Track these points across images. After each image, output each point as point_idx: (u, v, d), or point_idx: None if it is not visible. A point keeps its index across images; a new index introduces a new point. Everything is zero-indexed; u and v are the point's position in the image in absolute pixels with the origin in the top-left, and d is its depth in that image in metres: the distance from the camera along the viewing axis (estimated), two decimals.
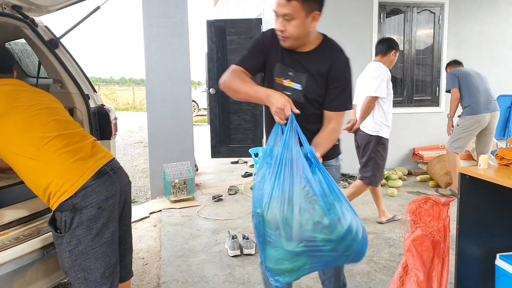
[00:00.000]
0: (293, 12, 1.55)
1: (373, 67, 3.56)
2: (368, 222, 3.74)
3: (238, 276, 2.76)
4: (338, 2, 5.12)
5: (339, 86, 1.71)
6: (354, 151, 3.70)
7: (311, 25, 1.62)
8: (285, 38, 1.63)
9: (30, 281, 1.75)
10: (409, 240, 2.03)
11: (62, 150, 1.61)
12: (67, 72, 2.35)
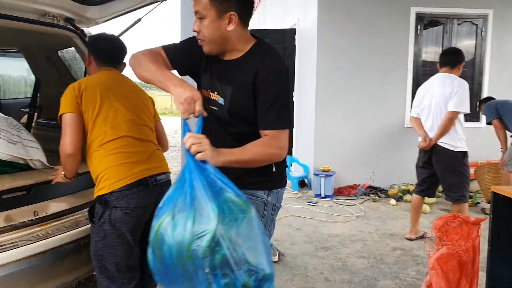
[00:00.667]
0: (202, 9, 1.36)
1: (449, 80, 3.30)
2: (396, 237, 3.69)
3: None
4: (373, 13, 5.12)
5: (268, 99, 1.40)
6: (386, 165, 3.65)
7: (228, 28, 1.38)
8: (201, 41, 1.42)
9: (68, 269, 1.92)
10: (434, 257, 2.01)
11: (118, 150, 1.75)
12: None
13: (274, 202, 1.55)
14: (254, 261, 1.15)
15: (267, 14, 9.05)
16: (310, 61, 5.36)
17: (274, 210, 1.57)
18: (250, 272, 1.14)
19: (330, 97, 5.18)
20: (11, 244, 1.73)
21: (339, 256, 3.24)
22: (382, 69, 5.18)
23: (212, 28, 1.37)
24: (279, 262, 3.11)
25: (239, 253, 1.12)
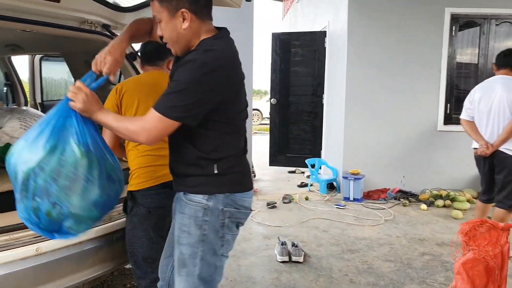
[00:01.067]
0: (156, 13, 1.39)
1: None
2: (425, 243, 3.62)
3: (284, 281, 2.86)
4: (405, 15, 5.04)
5: (168, 87, 1.39)
6: (417, 169, 3.54)
7: (183, 26, 1.37)
8: (167, 44, 1.45)
9: (100, 261, 2.03)
10: (460, 262, 1.98)
11: (148, 153, 1.88)
12: None
13: (221, 207, 1.48)
14: (63, 198, 1.36)
15: (298, 17, 9.08)
16: (340, 64, 5.35)
17: (224, 215, 1.48)
18: (55, 204, 1.36)
19: (360, 100, 5.14)
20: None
21: (365, 259, 3.23)
22: (414, 71, 5.09)
23: (169, 29, 1.38)
24: (304, 263, 3.14)
25: (52, 187, 1.34)
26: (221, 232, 1.50)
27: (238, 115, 1.50)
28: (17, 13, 2.01)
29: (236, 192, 1.51)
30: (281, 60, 6.27)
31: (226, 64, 1.41)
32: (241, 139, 1.55)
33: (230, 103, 1.44)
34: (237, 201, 1.51)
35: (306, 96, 6.27)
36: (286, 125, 6.33)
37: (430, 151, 5.17)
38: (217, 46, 1.41)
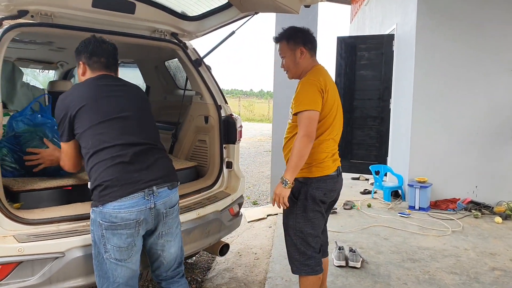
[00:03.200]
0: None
1: None
2: (497, 257, 3.36)
3: (339, 285, 2.85)
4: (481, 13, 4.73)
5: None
6: (492, 179, 3.30)
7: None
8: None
9: (212, 232, 2.45)
10: None
11: (330, 147, 2.17)
12: (206, 86, 2.83)
13: (98, 220, 1.70)
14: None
15: (366, 20, 8.89)
16: (407, 68, 5.16)
17: (101, 228, 1.70)
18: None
19: (428, 105, 4.91)
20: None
21: (427, 269, 3.09)
22: (490, 74, 4.74)
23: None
24: (361, 269, 3.10)
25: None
26: (103, 241, 1.71)
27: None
28: (97, 25, 2.29)
29: (107, 202, 1.69)
30: (346, 64, 6.20)
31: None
32: (111, 149, 1.74)
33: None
34: (111, 213, 1.69)
35: (371, 100, 6.13)
36: (350, 130, 6.23)
37: (507, 160, 4.76)
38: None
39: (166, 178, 1.84)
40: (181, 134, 3.12)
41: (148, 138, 1.87)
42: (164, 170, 1.86)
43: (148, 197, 1.74)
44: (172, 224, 1.91)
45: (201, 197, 2.57)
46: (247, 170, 7.86)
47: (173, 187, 1.88)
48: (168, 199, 1.84)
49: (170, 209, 1.86)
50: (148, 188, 1.74)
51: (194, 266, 3.34)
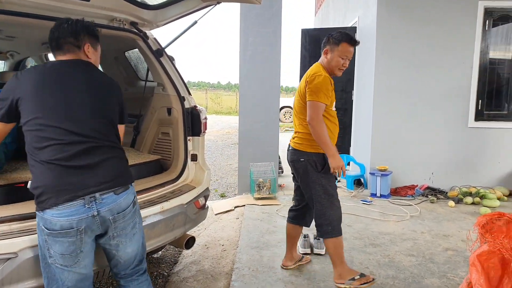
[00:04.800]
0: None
1: None
2: (450, 239, 3.56)
3: (305, 272, 2.91)
4: (436, 9, 4.91)
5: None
6: (447, 166, 3.49)
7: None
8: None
9: (177, 226, 2.43)
10: (475, 254, 1.97)
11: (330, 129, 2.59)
12: (168, 77, 2.78)
13: (40, 224, 1.61)
14: None
15: (330, 12, 9.03)
16: (369, 60, 5.30)
17: (43, 233, 1.60)
18: None
19: (389, 96, 5.08)
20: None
21: (387, 253, 3.22)
22: (445, 66, 4.96)
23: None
24: (326, 255, 3.17)
25: None
26: (47, 246, 1.62)
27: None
28: (51, 12, 2.18)
29: (45, 209, 1.57)
30: (310, 56, 6.27)
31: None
32: (48, 149, 1.57)
33: None
34: (51, 220, 1.57)
35: (335, 92, 6.21)
36: None
37: (460, 148, 5.03)
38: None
39: (112, 182, 1.65)
40: (143, 127, 3.06)
41: (96, 134, 1.66)
42: (111, 173, 1.66)
43: (89, 205, 1.58)
44: (125, 226, 1.76)
45: (165, 190, 2.54)
46: (215, 163, 7.83)
47: (122, 191, 1.69)
48: (115, 205, 1.66)
49: (118, 215, 1.69)
50: (89, 195, 1.58)
51: (160, 260, 3.31)
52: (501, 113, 5.05)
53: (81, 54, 1.77)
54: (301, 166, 2.59)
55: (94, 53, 1.82)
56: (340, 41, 2.52)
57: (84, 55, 1.77)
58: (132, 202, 1.78)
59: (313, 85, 2.46)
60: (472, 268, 1.96)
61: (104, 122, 1.73)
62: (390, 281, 2.78)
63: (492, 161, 4.98)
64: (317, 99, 2.44)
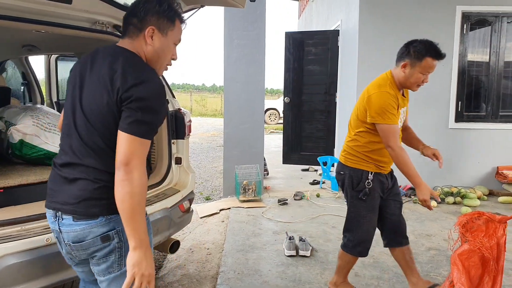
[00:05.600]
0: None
1: None
2: (432, 238, 3.63)
3: (290, 274, 2.93)
4: (416, 13, 5.02)
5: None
6: (429, 167, 3.53)
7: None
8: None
9: (162, 230, 2.35)
10: (456, 253, 2.01)
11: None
12: None
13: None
14: None
15: (313, 16, 9.12)
16: (351, 63, 5.37)
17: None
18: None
19: None
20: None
21: (371, 254, 3.23)
22: None
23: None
24: (311, 257, 3.20)
25: None
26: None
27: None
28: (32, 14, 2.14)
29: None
30: (295, 59, 6.33)
31: None
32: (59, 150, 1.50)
33: None
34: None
35: (319, 94, 6.31)
36: (299, 123, 6.38)
37: (441, 148, 5.06)
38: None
39: (71, 206, 1.38)
40: None
41: (75, 150, 1.41)
42: (73, 196, 1.38)
43: (55, 219, 1.42)
44: (94, 266, 1.45)
45: (149, 194, 2.51)
46: (200, 165, 7.80)
47: (79, 219, 1.37)
48: (71, 230, 1.39)
49: (75, 244, 1.40)
50: (55, 210, 1.42)
51: None
52: (480, 115, 5.18)
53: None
54: (340, 179, 2.45)
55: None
56: (424, 56, 2.20)
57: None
58: (101, 237, 1.38)
59: (375, 107, 2.21)
60: (453, 267, 2.00)
61: (86, 133, 1.40)
62: (375, 281, 2.82)
63: (472, 161, 5.09)
64: (385, 121, 2.18)
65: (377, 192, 2.37)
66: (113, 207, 1.31)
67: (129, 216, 1.25)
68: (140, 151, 1.29)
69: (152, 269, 1.30)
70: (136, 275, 1.26)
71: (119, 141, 1.29)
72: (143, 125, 1.30)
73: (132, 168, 1.26)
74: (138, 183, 1.26)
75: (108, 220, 1.38)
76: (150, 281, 1.29)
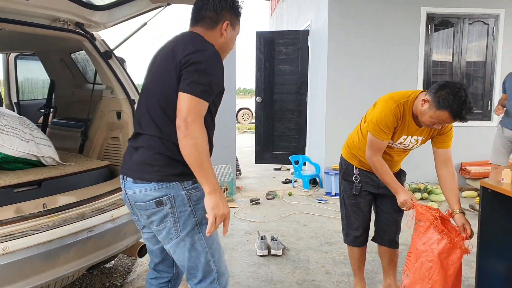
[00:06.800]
0: None
1: None
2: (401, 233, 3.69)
3: (262, 274, 2.92)
4: (383, 14, 5.14)
5: None
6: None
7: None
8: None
9: (73, 258, 2.04)
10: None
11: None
12: (117, 80, 2.68)
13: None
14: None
15: (284, 15, 9.16)
16: (321, 62, 5.43)
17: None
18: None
19: (341, 97, 5.23)
20: (20, 233, 1.85)
21: (342, 251, 3.30)
22: (393, 69, 5.19)
23: None
24: (283, 256, 3.21)
25: None
26: None
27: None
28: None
29: None
30: (266, 59, 6.34)
31: None
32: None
33: None
34: None
35: (290, 94, 6.35)
36: (271, 123, 6.40)
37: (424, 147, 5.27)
38: None
39: (131, 171, 1.56)
40: (91, 132, 2.93)
41: (141, 122, 1.59)
42: (135, 162, 1.57)
43: (122, 181, 1.63)
44: (151, 222, 1.59)
45: (115, 197, 2.43)
46: None
47: (136, 182, 1.55)
48: (131, 191, 1.58)
49: (136, 204, 1.59)
50: (123, 174, 1.62)
51: (113, 270, 3.18)
52: None
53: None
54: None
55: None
56: (442, 108, 1.92)
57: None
58: (156, 201, 1.52)
59: (374, 115, 2.14)
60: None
61: (149, 105, 1.58)
62: (346, 278, 2.86)
63: None
64: (372, 132, 2.13)
65: (366, 189, 2.40)
66: (164, 174, 1.50)
67: (198, 166, 1.40)
68: (197, 109, 1.42)
69: (228, 208, 1.48)
70: (217, 216, 1.43)
71: (179, 101, 1.43)
72: (199, 86, 1.43)
73: (190, 123, 1.38)
74: (199, 135, 1.39)
75: (160, 186, 1.51)
76: (227, 218, 1.49)
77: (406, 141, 2.21)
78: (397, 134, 2.16)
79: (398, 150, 2.30)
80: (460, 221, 2.14)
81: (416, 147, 2.30)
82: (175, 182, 1.50)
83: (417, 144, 2.25)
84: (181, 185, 1.51)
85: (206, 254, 1.56)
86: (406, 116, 2.11)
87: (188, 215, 1.52)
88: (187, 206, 1.51)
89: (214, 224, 1.42)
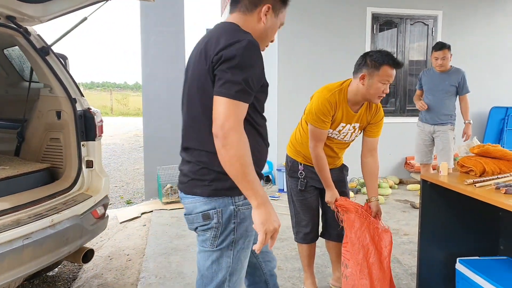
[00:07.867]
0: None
1: None
2: None
3: None
4: (332, 13, 5.27)
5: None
6: (345, 160, 3.69)
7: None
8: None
9: (8, 268, 1.90)
10: None
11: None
12: (56, 78, 2.53)
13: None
14: None
15: None
16: (272, 62, 5.47)
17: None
18: None
19: (292, 96, 5.30)
20: None
21: (293, 247, 3.35)
22: (341, 68, 5.29)
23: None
24: None
25: None
26: None
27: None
28: None
29: None
30: None
31: None
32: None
33: None
34: None
35: None
36: None
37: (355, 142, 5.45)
38: None
39: (182, 185, 1.51)
40: (28, 133, 2.75)
41: (184, 134, 1.52)
42: (185, 176, 1.50)
43: (180, 193, 1.57)
44: (198, 233, 1.53)
45: (56, 201, 2.31)
46: (121, 167, 7.43)
47: (187, 194, 1.49)
48: (184, 203, 1.52)
49: (185, 216, 1.52)
50: (178, 187, 1.58)
51: (56, 278, 3.01)
52: (390, 109, 5.59)
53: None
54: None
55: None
56: (381, 64, 2.08)
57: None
58: (203, 214, 1.44)
59: (311, 106, 2.29)
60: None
61: (191, 118, 1.47)
62: (297, 273, 2.90)
63: (384, 153, 5.43)
64: (312, 122, 2.26)
65: (312, 184, 2.47)
66: (214, 189, 1.39)
67: (242, 178, 1.26)
68: (235, 114, 1.25)
69: (279, 222, 1.33)
70: (268, 232, 1.28)
71: (214, 106, 1.27)
72: (235, 86, 1.26)
73: (228, 131, 1.23)
74: (239, 144, 1.24)
75: (210, 200, 1.42)
76: (277, 231, 1.34)
77: (344, 129, 2.33)
78: (336, 122, 2.28)
79: (338, 142, 2.41)
80: (375, 208, 2.39)
81: (354, 137, 2.43)
82: (227, 197, 1.40)
83: (354, 131, 2.37)
84: (232, 199, 1.40)
85: (226, 272, 1.46)
86: (342, 102, 2.25)
87: (229, 232, 1.42)
88: (231, 223, 1.41)
89: (264, 240, 1.29)
